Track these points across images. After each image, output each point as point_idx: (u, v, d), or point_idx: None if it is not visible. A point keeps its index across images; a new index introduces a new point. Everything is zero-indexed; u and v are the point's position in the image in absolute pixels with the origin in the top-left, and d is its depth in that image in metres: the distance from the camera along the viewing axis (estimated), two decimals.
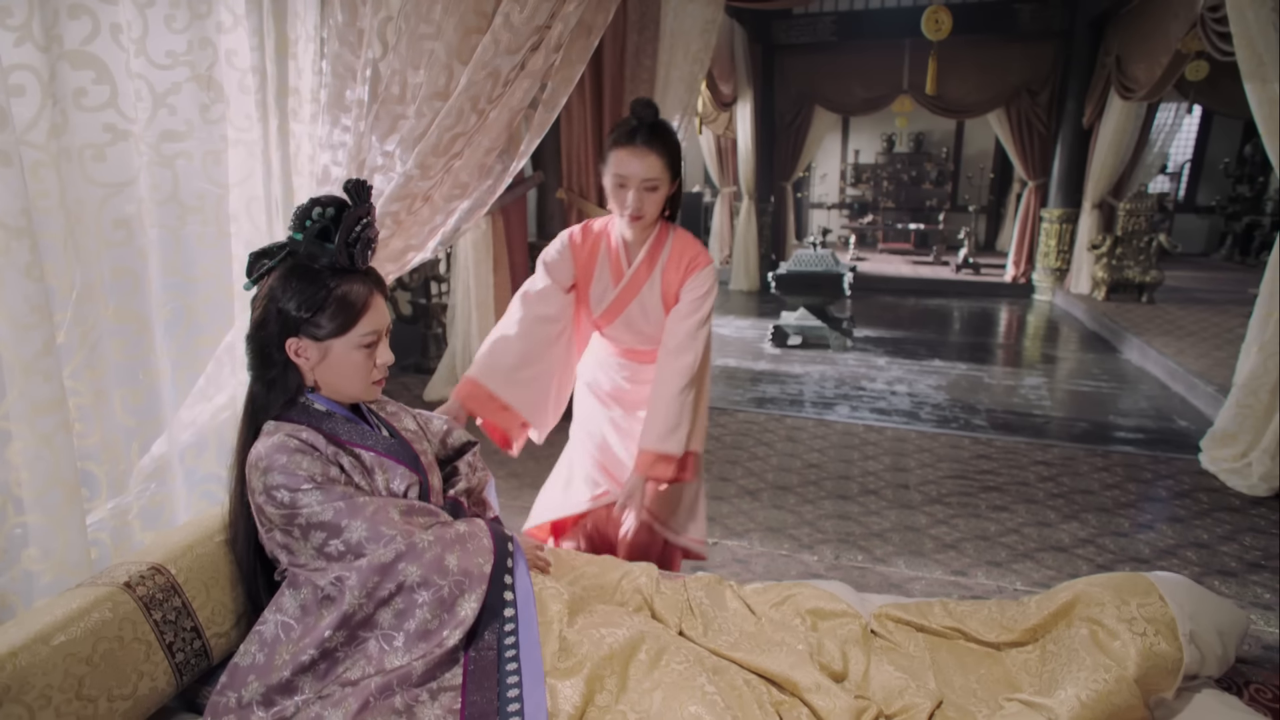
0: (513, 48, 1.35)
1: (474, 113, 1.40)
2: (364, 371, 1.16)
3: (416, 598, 1.02)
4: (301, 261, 1.10)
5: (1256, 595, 2.17)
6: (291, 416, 1.13)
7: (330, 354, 1.12)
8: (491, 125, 1.43)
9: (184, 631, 1.05)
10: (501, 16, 1.34)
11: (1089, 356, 5.33)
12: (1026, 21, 7.14)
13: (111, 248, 1.23)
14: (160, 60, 1.32)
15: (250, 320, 1.13)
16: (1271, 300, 2.80)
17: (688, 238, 1.69)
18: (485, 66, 1.37)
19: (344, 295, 1.11)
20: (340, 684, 0.99)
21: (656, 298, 1.67)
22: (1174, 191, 10.02)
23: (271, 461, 1.05)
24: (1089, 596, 1.14)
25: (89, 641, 0.92)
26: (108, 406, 1.27)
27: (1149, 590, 1.13)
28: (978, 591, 2.19)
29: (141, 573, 1.03)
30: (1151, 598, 1.11)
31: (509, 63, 1.38)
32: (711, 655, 1.15)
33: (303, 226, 1.10)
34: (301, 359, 1.12)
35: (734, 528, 2.56)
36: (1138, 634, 1.06)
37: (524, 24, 1.34)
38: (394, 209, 1.48)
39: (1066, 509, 2.72)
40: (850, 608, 1.28)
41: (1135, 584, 1.14)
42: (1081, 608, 1.14)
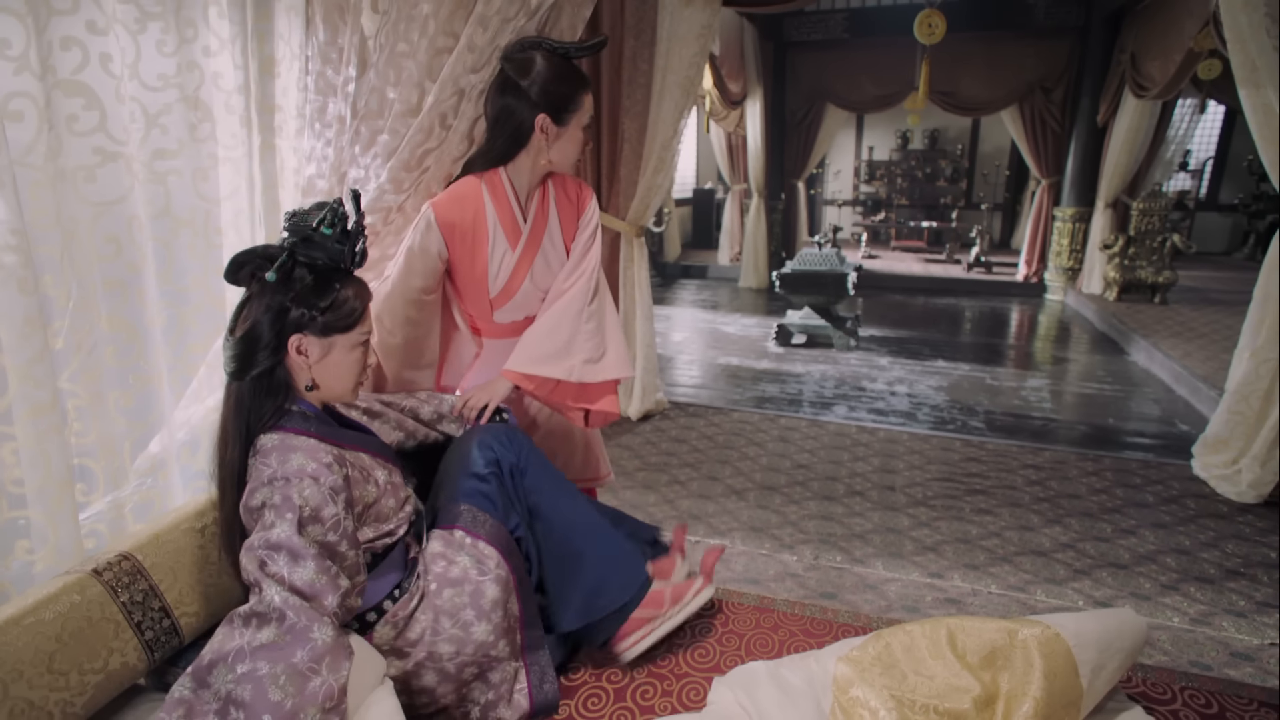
0: (476, 66, 1.41)
1: (442, 128, 1.47)
2: (358, 370, 1.23)
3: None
4: (304, 262, 1.15)
5: (1231, 602, 2.18)
6: (293, 426, 1.14)
7: (332, 351, 1.17)
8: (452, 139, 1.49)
9: (152, 611, 1.13)
10: (465, 37, 1.40)
11: (1095, 358, 5.29)
12: (1041, 17, 7.05)
13: (103, 261, 1.31)
14: (152, 83, 1.41)
15: (236, 321, 1.15)
16: (1264, 305, 2.79)
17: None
18: (452, 84, 1.43)
19: (351, 294, 1.18)
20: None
21: (558, 241, 1.56)
22: (1195, 189, 9.83)
23: (290, 488, 1.04)
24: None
25: (58, 622, 1.01)
26: (103, 408, 1.36)
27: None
28: (952, 594, 2.23)
29: (109, 560, 1.12)
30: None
31: (473, 80, 1.44)
32: None
33: (307, 230, 1.13)
34: (301, 356, 1.15)
35: (717, 526, 2.61)
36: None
37: (486, 45, 1.40)
38: (369, 221, 1.56)
39: (1051, 513, 2.74)
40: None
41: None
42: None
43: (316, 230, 1.13)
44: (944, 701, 1.12)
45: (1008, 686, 1.14)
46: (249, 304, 1.15)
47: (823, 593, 2.22)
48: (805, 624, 1.49)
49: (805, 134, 8.42)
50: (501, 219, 1.49)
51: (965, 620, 1.21)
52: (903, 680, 1.16)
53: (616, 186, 3.50)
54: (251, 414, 1.16)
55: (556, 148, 1.46)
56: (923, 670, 1.16)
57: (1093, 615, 1.23)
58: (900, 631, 1.21)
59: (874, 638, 1.22)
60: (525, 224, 1.52)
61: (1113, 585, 2.27)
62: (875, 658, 1.18)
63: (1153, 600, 2.19)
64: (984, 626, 1.19)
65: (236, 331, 1.15)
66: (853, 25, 7.61)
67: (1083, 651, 1.15)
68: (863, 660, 1.18)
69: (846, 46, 7.81)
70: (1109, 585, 2.27)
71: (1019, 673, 1.14)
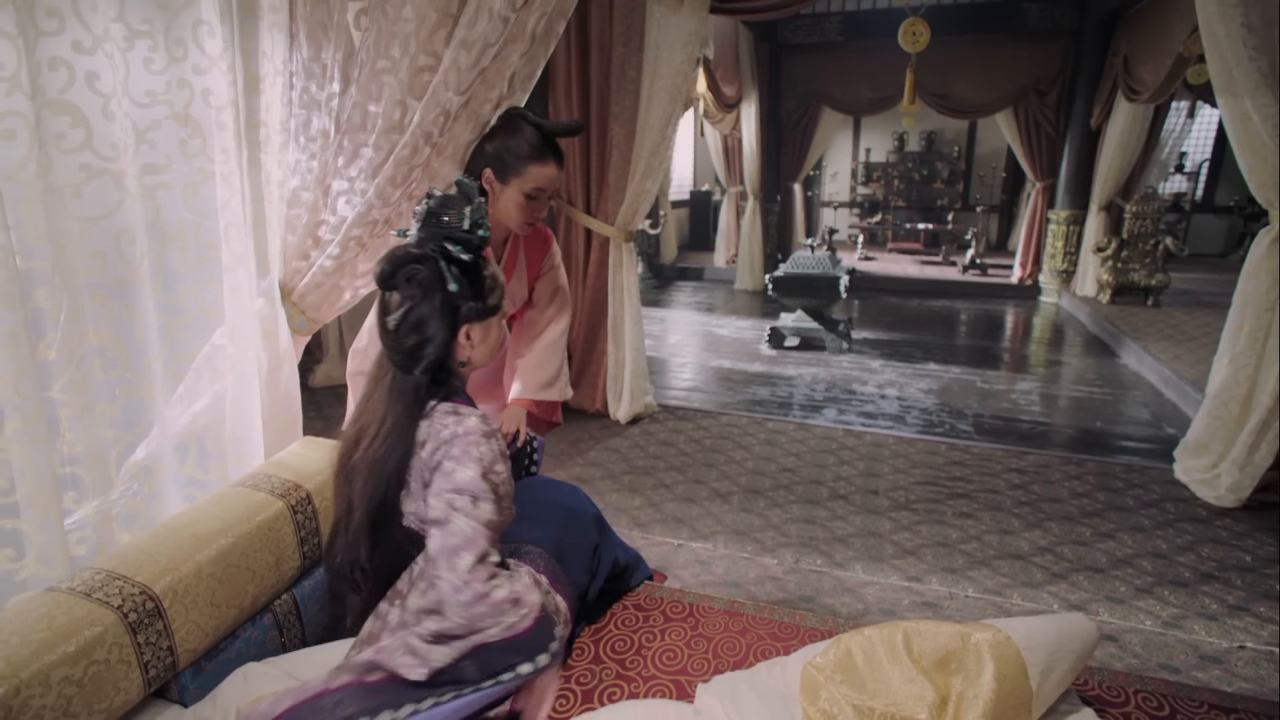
0: (459, 88, 1.45)
1: (427, 146, 1.51)
2: (501, 340, 1.33)
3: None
4: (453, 256, 1.18)
5: (1203, 606, 2.21)
6: (459, 398, 1.24)
7: (490, 331, 1.27)
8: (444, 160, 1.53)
9: (160, 651, 1.17)
10: (449, 59, 1.44)
11: (1087, 361, 5.33)
12: (1035, 21, 7.08)
13: (90, 275, 1.35)
14: (141, 100, 1.45)
15: (402, 322, 1.18)
16: (1242, 312, 2.82)
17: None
18: (436, 104, 1.47)
19: (494, 276, 1.26)
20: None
21: (524, 278, 1.77)
22: (1191, 191, 9.85)
23: (468, 443, 1.15)
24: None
25: (81, 664, 1.04)
26: (92, 418, 1.40)
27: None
28: (929, 597, 2.27)
29: (133, 596, 1.14)
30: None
31: (459, 101, 1.48)
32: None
33: (454, 231, 1.18)
34: (470, 343, 1.24)
35: (700, 530, 2.65)
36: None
37: (469, 67, 1.44)
38: (357, 233, 1.60)
39: (1031, 517, 2.78)
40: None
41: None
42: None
43: (472, 232, 1.18)
44: (901, 710, 1.16)
45: (960, 688, 1.18)
46: (414, 307, 1.18)
47: (801, 596, 2.26)
48: (773, 628, 1.53)
49: (801, 137, 8.46)
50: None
51: (921, 624, 1.25)
52: (862, 687, 1.19)
53: (605, 192, 3.54)
54: (422, 400, 1.21)
55: (499, 204, 1.56)
56: (880, 676, 1.20)
57: (1045, 619, 1.26)
58: (859, 636, 1.25)
59: (834, 643, 1.25)
60: (499, 266, 1.68)
61: (1088, 589, 2.31)
62: (836, 664, 1.22)
63: (1126, 603, 2.23)
64: (939, 630, 1.23)
65: (405, 333, 1.19)
66: (848, 28, 7.65)
67: (1032, 654, 1.19)
68: (825, 667, 1.22)
69: (842, 49, 7.85)
70: (1084, 589, 2.31)
71: (971, 675, 1.18)
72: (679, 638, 1.51)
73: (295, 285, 1.75)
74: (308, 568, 1.52)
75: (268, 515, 1.41)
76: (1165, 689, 1.35)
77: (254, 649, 1.39)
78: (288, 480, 1.51)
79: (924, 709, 1.16)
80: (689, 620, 1.57)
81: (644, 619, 1.58)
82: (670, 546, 2.54)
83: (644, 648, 1.48)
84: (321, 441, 1.69)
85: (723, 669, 1.42)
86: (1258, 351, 2.76)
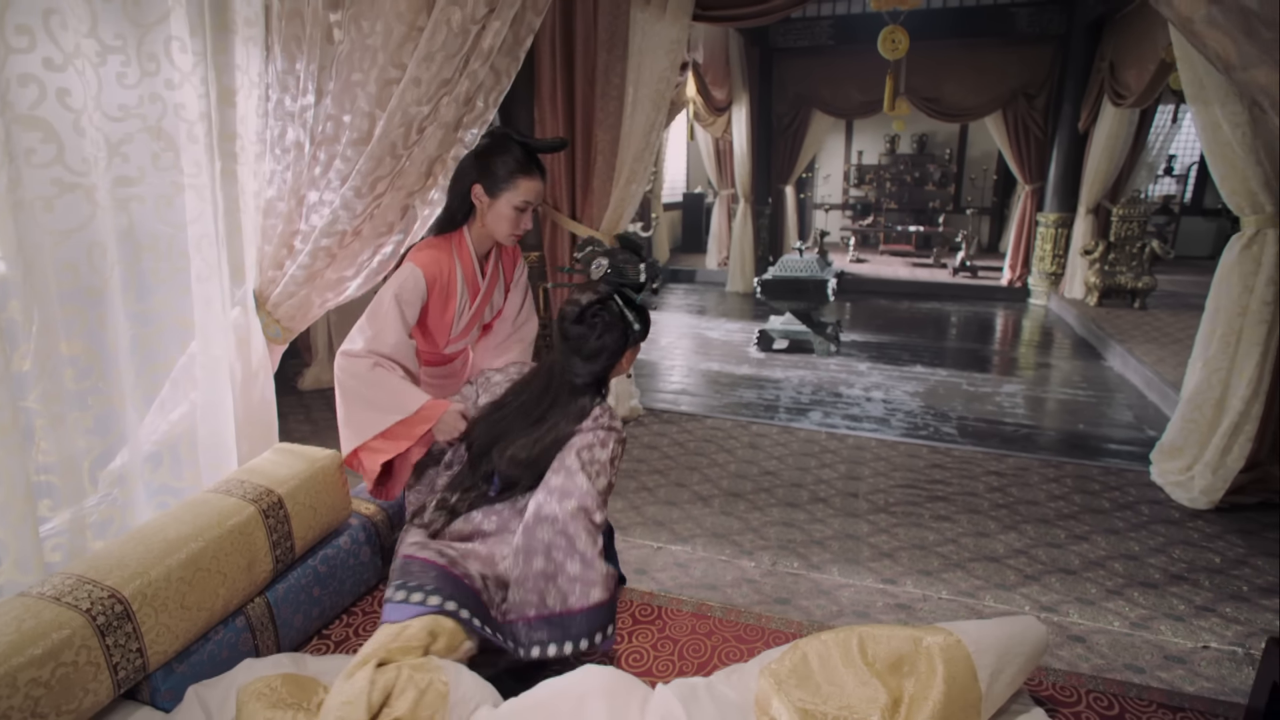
0: (422, 100, 1.48)
1: (392, 158, 1.54)
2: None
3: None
4: (630, 301, 1.50)
5: (1171, 607, 2.25)
6: (603, 402, 1.55)
7: (638, 349, 1.61)
8: (410, 171, 1.56)
9: (129, 653, 1.19)
10: (411, 70, 1.47)
11: (1073, 364, 5.37)
12: (1024, 25, 7.13)
13: (63, 287, 1.38)
14: (114, 113, 1.47)
15: (592, 346, 1.46)
16: (1215, 317, 2.86)
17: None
18: (400, 114, 1.50)
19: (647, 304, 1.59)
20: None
21: (502, 292, 1.82)
22: (1180, 194, 9.91)
23: (618, 443, 1.50)
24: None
25: (49, 666, 1.06)
26: (65, 427, 1.43)
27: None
28: (903, 599, 2.30)
29: (102, 599, 1.16)
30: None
31: (423, 112, 1.51)
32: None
33: (634, 281, 1.50)
34: (627, 361, 1.55)
35: (680, 533, 2.68)
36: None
37: (432, 79, 1.47)
38: (326, 243, 1.63)
39: (1008, 519, 2.81)
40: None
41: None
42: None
43: (646, 284, 1.50)
44: (854, 713, 1.19)
45: (912, 691, 1.21)
46: (601, 339, 1.46)
47: (777, 598, 2.29)
48: (739, 630, 1.56)
49: (792, 140, 8.49)
50: (465, 276, 1.68)
51: (875, 628, 1.28)
52: (816, 691, 1.22)
53: (590, 197, 3.57)
54: (587, 410, 1.47)
55: (488, 217, 1.63)
56: (835, 679, 1.23)
57: (996, 623, 1.29)
58: (816, 640, 1.28)
59: (792, 648, 1.28)
60: (483, 280, 1.72)
61: (1060, 590, 2.34)
62: (792, 669, 1.25)
63: (1096, 605, 2.26)
64: (892, 634, 1.26)
65: (589, 359, 1.47)
66: (838, 32, 7.69)
67: (982, 657, 1.22)
68: (780, 672, 1.24)
69: (832, 53, 7.89)
70: (1056, 590, 2.34)
71: (923, 678, 1.21)
72: (646, 640, 1.54)
73: (270, 294, 1.77)
74: (281, 571, 1.54)
75: (239, 520, 1.43)
76: (1116, 689, 1.38)
77: (226, 651, 1.41)
78: (260, 486, 1.53)
79: (876, 711, 1.18)
80: (657, 623, 1.59)
81: None
82: (650, 549, 2.57)
83: (612, 650, 1.51)
84: (295, 448, 1.72)
85: (687, 671, 1.45)
86: (1230, 356, 2.80)
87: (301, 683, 1.21)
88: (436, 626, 1.21)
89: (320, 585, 1.61)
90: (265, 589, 1.52)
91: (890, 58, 4.37)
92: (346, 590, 1.68)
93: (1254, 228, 2.72)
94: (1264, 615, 2.20)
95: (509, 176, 1.58)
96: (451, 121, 1.55)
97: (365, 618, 1.65)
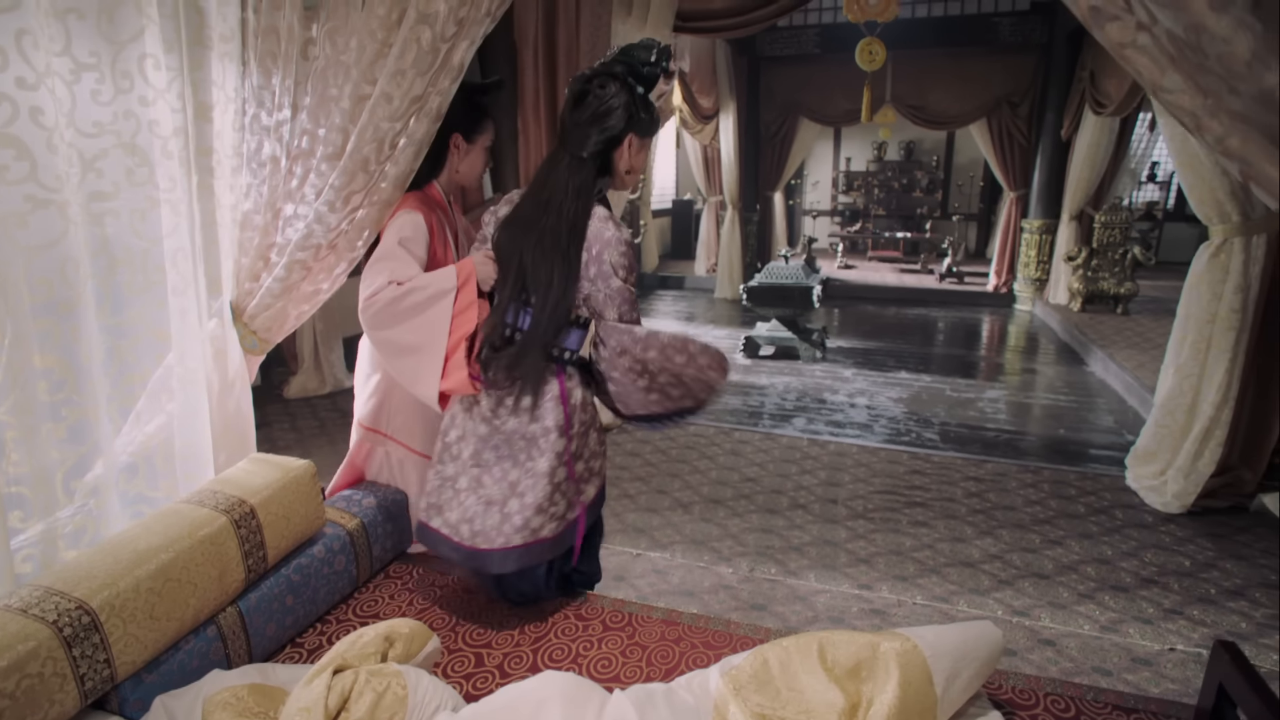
0: (393, 116, 1.51)
1: (365, 173, 1.56)
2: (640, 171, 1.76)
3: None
4: (639, 75, 1.55)
5: (1140, 610, 2.28)
6: (605, 207, 1.61)
7: (643, 152, 1.62)
8: (383, 186, 1.59)
9: (97, 664, 1.20)
10: (381, 86, 1.50)
11: (1056, 369, 5.42)
12: (1007, 34, 7.23)
13: (36, 301, 1.40)
14: (88, 130, 1.49)
15: (584, 113, 1.51)
16: (1185, 324, 2.91)
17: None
18: (372, 129, 1.53)
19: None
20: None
21: (463, 246, 1.92)
22: (1164, 200, 10.02)
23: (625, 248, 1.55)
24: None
25: (14, 678, 1.07)
26: (37, 439, 1.44)
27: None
28: (878, 605, 2.32)
29: (70, 611, 1.17)
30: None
31: (395, 128, 1.54)
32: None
33: (631, 55, 1.56)
34: (630, 150, 1.57)
35: (660, 540, 2.71)
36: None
37: (402, 96, 1.50)
38: (301, 257, 1.65)
39: (984, 525, 2.85)
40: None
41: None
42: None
43: (653, 65, 1.52)
44: (811, 718, 1.21)
45: (869, 695, 1.23)
46: (603, 102, 1.49)
47: (754, 604, 2.31)
48: (707, 636, 1.58)
49: (779, 147, 8.56)
50: (446, 220, 1.84)
51: (836, 634, 1.30)
52: (776, 696, 1.25)
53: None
54: (590, 187, 1.52)
55: (465, 162, 1.82)
56: (795, 685, 1.25)
57: (953, 628, 1.32)
58: (778, 647, 1.30)
59: (754, 654, 1.30)
60: (454, 221, 1.89)
61: (1032, 595, 2.38)
62: (752, 675, 1.27)
63: (1068, 609, 2.30)
64: (852, 640, 1.28)
65: (588, 122, 1.49)
66: (825, 40, 7.77)
67: (938, 661, 1.24)
68: (740, 678, 1.27)
69: (819, 61, 7.97)
70: (1029, 595, 2.38)
71: (880, 682, 1.23)
72: (615, 646, 1.56)
73: (247, 306, 1.79)
74: (254, 580, 1.56)
75: (210, 530, 1.45)
76: (1074, 691, 1.41)
77: (197, 660, 1.43)
78: (233, 496, 1.55)
79: (834, 715, 1.21)
80: (627, 629, 1.61)
81: (583, 628, 1.63)
82: (629, 556, 2.59)
83: (580, 656, 1.53)
84: (270, 458, 1.73)
85: (654, 676, 1.47)
86: (1200, 362, 2.85)
87: (268, 692, 1.23)
88: (393, 632, 1.23)
89: (294, 594, 1.62)
90: (237, 598, 1.53)
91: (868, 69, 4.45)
92: (321, 599, 1.69)
93: (1221, 237, 2.78)
94: (1230, 618, 2.24)
95: (480, 120, 1.80)
96: (423, 137, 1.57)
97: (339, 625, 1.66)
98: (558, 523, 1.59)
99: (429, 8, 1.47)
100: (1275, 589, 2.40)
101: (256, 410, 1.90)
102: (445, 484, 1.64)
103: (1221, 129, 0.91)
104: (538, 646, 1.56)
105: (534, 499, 1.54)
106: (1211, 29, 0.82)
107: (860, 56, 4.37)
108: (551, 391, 1.58)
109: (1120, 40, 0.96)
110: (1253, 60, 0.81)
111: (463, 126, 1.76)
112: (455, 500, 1.61)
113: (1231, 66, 0.83)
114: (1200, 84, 0.89)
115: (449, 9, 1.46)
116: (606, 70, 1.52)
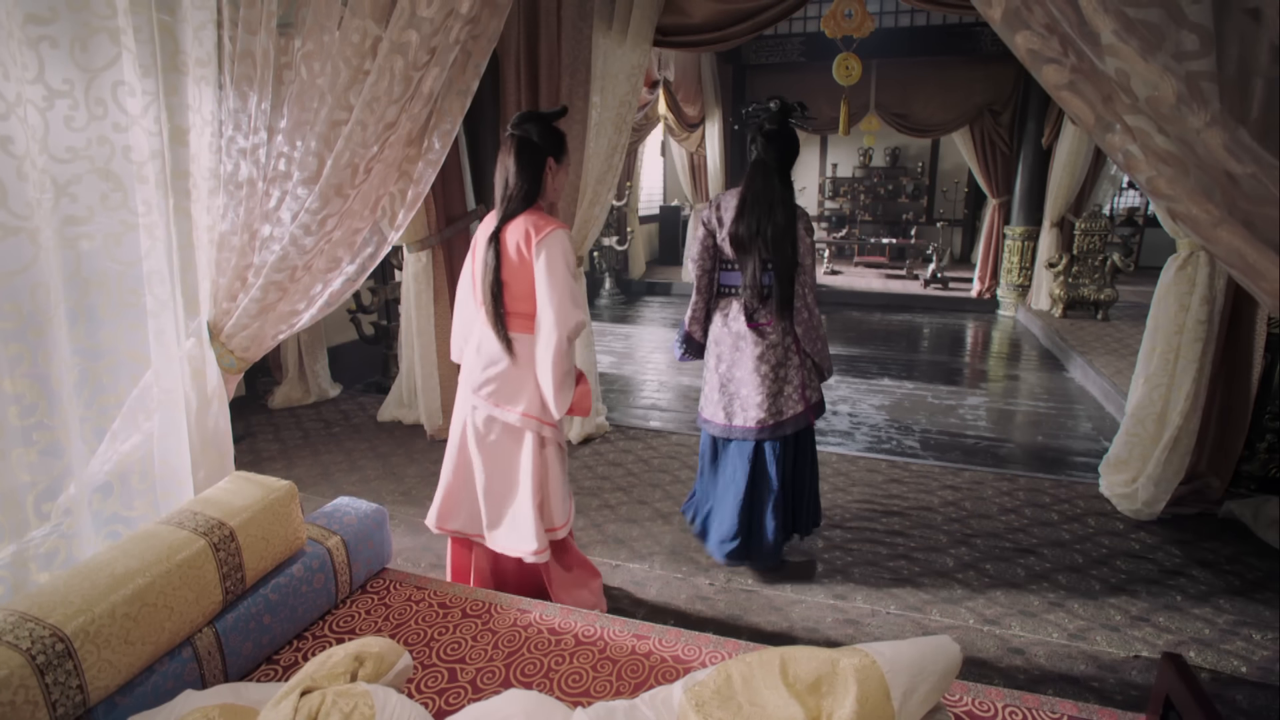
0: (368, 142, 1.54)
1: (339, 197, 1.59)
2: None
3: None
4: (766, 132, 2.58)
5: (1108, 617, 2.33)
6: None
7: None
8: (359, 210, 1.62)
9: (69, 690, 1.21)
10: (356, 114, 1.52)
11: (1037, 375, 5.49)
12: (988, 44, 7.32)
13: (5, 327, 1.41)
14: (61, 155, 1.51)
15: (776, 151, 2.53)
16: (1154, 335, 2.97)
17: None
18: (348, 156, 1.56)
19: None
20: None
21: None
22: (1145, 206, 10.16)
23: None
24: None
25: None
26: (7, 463, 1.46)
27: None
28: (852, 615, 2.36)
29: (43, 638, 1.18)
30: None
31: (371, 154, 1.57)
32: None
33: (755, 115, 2.59)
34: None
35: (639, 550, 2.73)
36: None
37: (376, 123, 1.52)
38: (277, 278, 1.67)
39: (959, 533, 2.89)
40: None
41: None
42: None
43: (778, 110, 2.49)
44: None
45: (829, 710, 1.27)
46: (767, 128, 2.51)
47: (730, 615, 2.34)
48: (677, 650, 1.61)
49: None
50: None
51: (797, 650, 1.34)
52: (738, 712, 1.28)
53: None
54: (794, 195, 2.50)
55: (555, 184, 2.00)
56: (756, 700, 1.28)
57: (911, 643, 1.36)
58: (741, 663, 1.34)
59: (718, 669, 1.34)
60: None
61: (1004, 603, 2.42)
62: (715, 691, 1.30)
63: (1037, 617, 2.34)
64: (813, 655, 1.32)
65: (776, 143, 2.53)
66: (809, 49, 7.85)
67: (895, 677, 1.28)
68: (703, 694, 1.30)
69: (804, 69, 8.04)
70: (1000, 604, 2.42)
71: (839, 697, 1.27)
72: (586, 661, 1.59)
73: (224, 325, 1.81)
74: (231, 602, 1.57)
75: (189, 554, 1.46)
76: (1031, 702, 1.45)
77: (171, 681, 1.44)
78: (212, 518, 1.56)
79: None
80: (599, 643, 1.64)
81: (556, 642, 1.65)
82: (608, 567, 2.61)
83: (552, 670, 1.56)
84: (252, 477, 1.75)
85: (624, 691, 1.50)
86: (1169, 372, 2.91)
87: (240, 712, 1.24)
88: (363, 651, 1.26)
89: (271, 613, 1.64)
90: (214, 619, 1.54)
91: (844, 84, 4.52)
92: (299, 617, 1.71)
93: (1188, 249, 2.84)
94: (1194, 624, 2.29)
95: (564, 142, 1.99)
96: (396, 161, 1.60)
97: (315, 642, 1.68)
98: (816, 393, 2.54)
99: (401, 37, 1.50)
100: (1240, 595, 2.45)
101: (240, 420, 1.94)
102: (732, 399, 2.51)
103: (1151, 170, 0.95)
104: (510, 662, 1.59)
105: (798, 381, 2.47)
106: (1141, 74, 0.86)
107: (837, 71, 4.44)
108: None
109: (1056, 82, 1.01)
110: (1178, 104, 0.86)
111: (554, 151, 1.96)
112: (744, 404, 2.49)
113: (1159, 109, 0.87)
114: (1129, 125, 0.93)
115: (421, 38, 1.49)
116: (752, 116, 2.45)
